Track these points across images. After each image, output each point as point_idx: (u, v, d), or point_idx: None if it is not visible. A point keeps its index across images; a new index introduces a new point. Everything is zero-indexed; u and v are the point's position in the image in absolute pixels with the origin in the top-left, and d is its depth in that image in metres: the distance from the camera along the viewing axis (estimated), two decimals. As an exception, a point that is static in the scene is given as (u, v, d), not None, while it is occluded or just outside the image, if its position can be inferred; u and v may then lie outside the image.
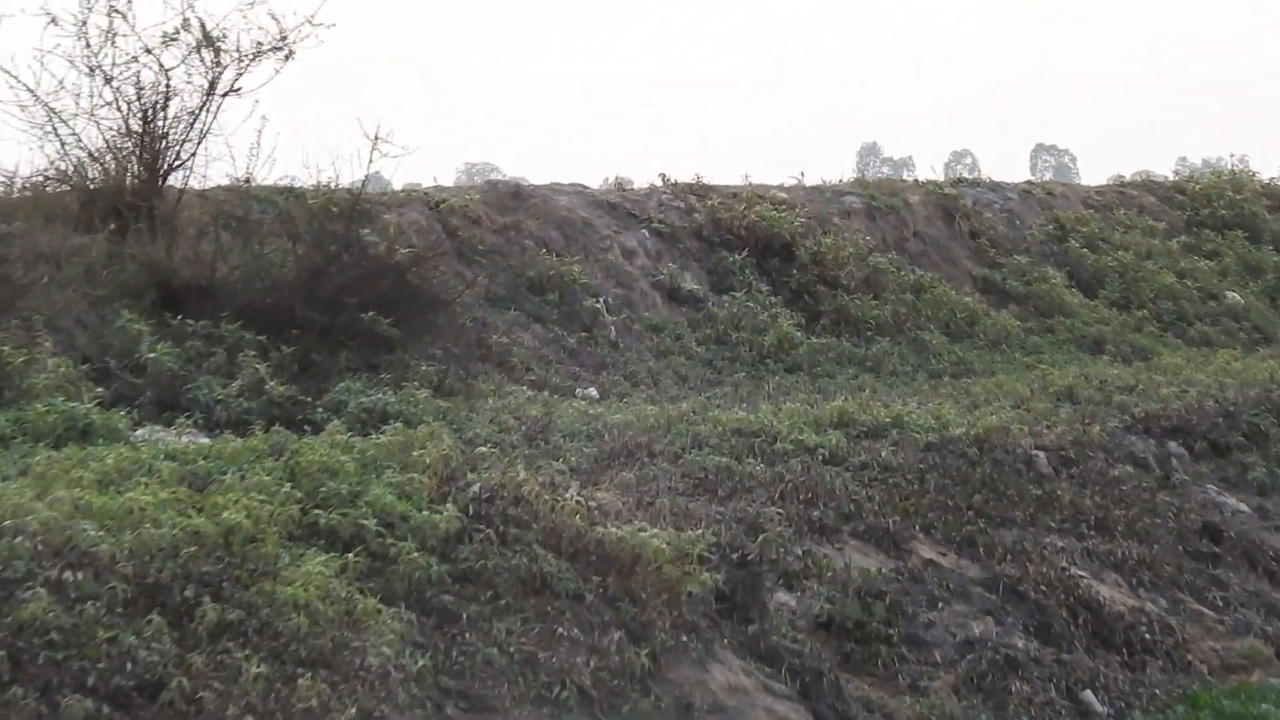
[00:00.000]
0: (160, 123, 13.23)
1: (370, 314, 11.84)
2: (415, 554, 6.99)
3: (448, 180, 23.66)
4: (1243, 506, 12.40)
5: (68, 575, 5.81)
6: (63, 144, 13.13)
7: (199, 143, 13.38)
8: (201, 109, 13.32)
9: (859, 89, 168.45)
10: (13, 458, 7.76)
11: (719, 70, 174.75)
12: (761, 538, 8.90)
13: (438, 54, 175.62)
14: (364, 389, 10.69)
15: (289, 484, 7.27)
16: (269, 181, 14.13)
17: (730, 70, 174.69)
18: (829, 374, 15.95)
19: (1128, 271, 21.93)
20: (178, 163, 13.39)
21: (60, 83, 13.01)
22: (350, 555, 6.78)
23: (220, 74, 13.34)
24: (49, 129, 13.04)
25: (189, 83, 13.32)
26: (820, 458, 10.66)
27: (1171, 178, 29.89)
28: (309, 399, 10.30)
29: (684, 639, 7.55)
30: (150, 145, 13.20)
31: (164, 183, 13.35)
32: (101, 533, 6.15)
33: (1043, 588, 9.72)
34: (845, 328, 17.68)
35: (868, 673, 8.38)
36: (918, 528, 10.00)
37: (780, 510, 9.43)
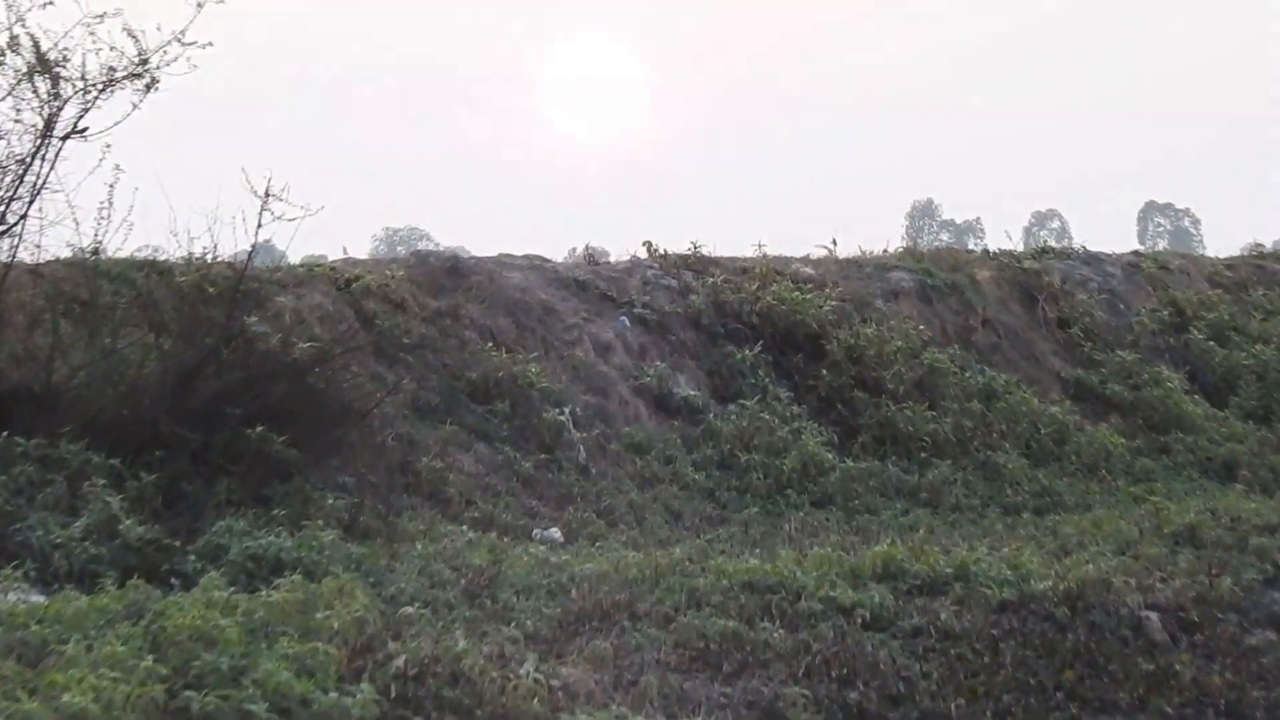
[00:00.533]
0: (-21, 175, 13.38)
1: (259, 429, 11.99)
2: (319, 749, 7.09)
3: (361, 251, 24.10)
4: None
5: None
6: None
7: (31, 201, 13.46)
8: (34, 156, 13.44)
9: (907, 128, 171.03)
10: None
11: (715, 98, 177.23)
12: (781, 728, 8.98)
13: (342, 78, 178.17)
14: (251, 529, 10.79)
15: (151, 656, 7.37)
16: (124, 253, 14.33)
17: (728, 97, 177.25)
18: (870, 508, 16.14)
19: (1268, 372, 22.23)
20: (3, 228, 13.51)
21: None
22: (233, 751, 6.86)
23: (60, 109, 13.48)
24: None
25: (18, 121, 13.45)
26: (859, 621, 10.80)
27: (1328, 245, 30.42)
28: (177, 543, 10.39)
29: None
30: (-34, 205, 13.35)
31: (-16, 255, 13.49)
32: (-97, 722, 6.24)
33: (1158, 795, 9.80)
34: (892, 447, 17.92)
35: None
36: (989, 714, 10.09)
37: (805, 691, 9.52)
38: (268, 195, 13.31)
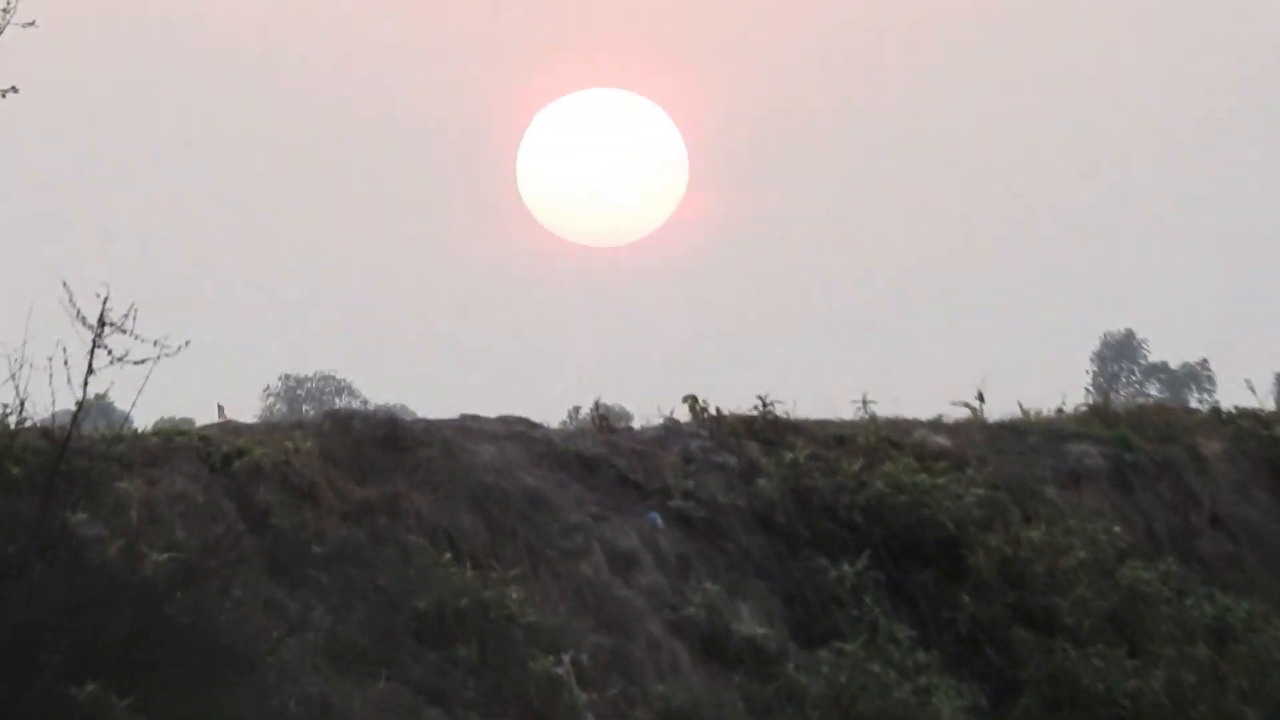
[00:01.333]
0: None
1: (90, 686, 11.93)
2: None
3: (248, 410, 24.17)
4: None
5: None
6: None
7: None
8: None
9: (1091, 225, 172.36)
10: None
11: (784, 173, 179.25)
12: None
13: (218, 152, 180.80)
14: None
15: None
16: (-114, 415, 14.42)
17: (803, 173, 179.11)
18: (1040, 808, 16.06)
19: None
20: None
21: None
22: None
23: None
24: None
25: None
26: None
27: None
28: None
29: None
30: None
31: None
32: None
33: None
34: (1072, 712, 17.88)
35: None
36: None
37: None
38: (104, 324, 13.39)
